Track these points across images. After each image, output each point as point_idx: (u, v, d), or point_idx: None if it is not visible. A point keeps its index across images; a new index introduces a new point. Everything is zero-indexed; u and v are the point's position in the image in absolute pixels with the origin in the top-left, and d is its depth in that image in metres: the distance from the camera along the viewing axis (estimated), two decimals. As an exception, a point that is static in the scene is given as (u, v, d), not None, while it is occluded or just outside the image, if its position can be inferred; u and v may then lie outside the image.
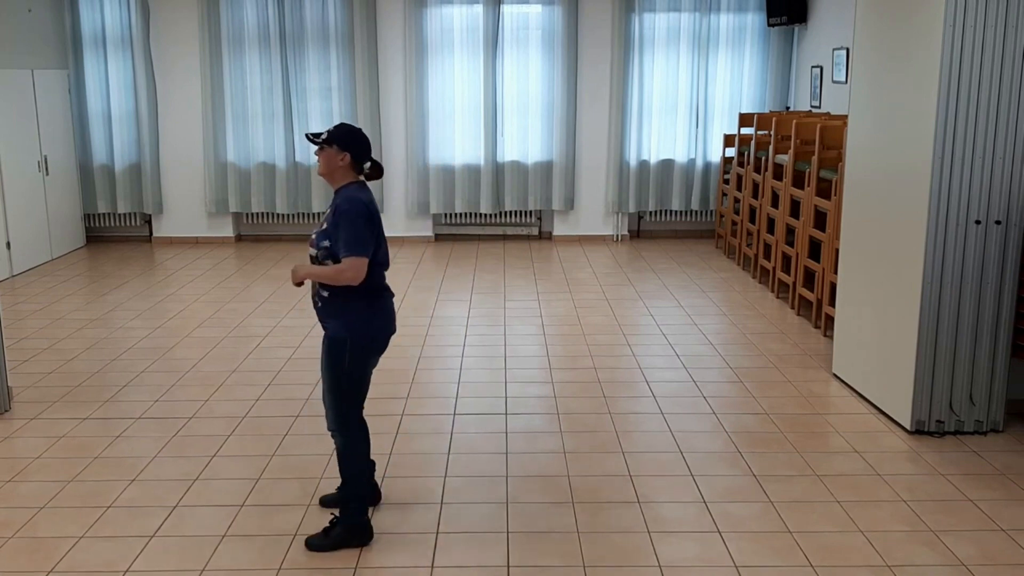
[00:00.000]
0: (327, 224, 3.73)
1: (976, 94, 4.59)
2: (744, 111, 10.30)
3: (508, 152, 10.42)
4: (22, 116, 9.10)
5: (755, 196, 8.83)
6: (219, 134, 10.23)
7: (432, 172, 10.35)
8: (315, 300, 3.84)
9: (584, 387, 5.70)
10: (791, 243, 7.72)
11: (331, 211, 3.75)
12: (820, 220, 7.09)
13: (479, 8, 10.07)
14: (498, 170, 10.41)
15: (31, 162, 9.24)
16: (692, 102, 10.38)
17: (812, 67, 9.69)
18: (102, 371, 6.04)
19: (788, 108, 10.40)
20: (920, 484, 4.36)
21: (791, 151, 7.64)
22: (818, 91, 9.53)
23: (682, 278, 8.68)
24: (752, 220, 8.98)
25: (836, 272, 6.23)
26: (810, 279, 7.37)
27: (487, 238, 10.79)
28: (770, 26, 10.05)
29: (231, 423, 5.15)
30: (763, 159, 8.50)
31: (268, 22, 10.05)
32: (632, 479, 4.41)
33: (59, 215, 9.79)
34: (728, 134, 10.16)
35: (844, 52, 8.78)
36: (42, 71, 9.48)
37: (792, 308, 7.50)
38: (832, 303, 6.68)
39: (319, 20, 10.07)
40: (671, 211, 10.72)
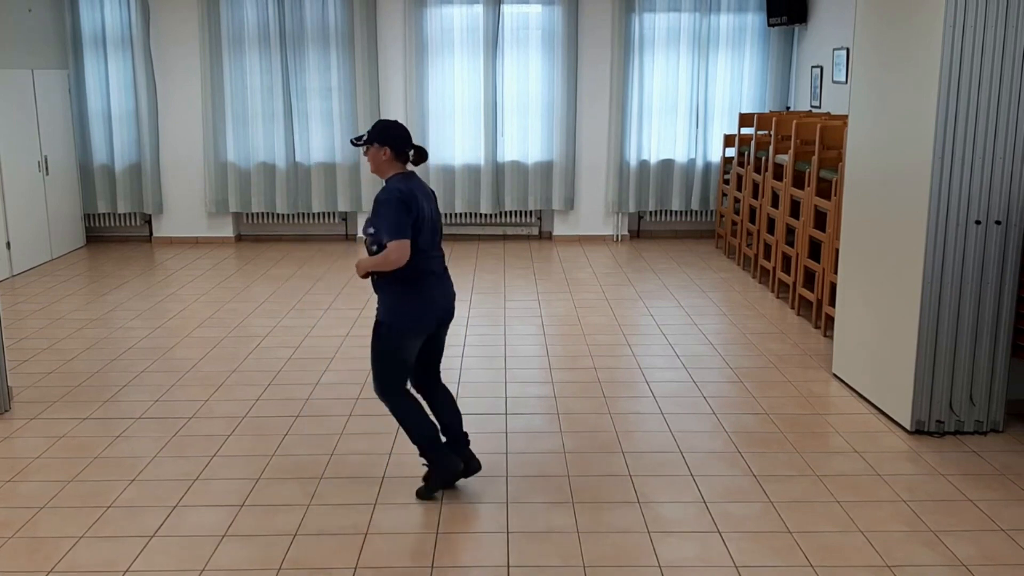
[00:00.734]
0: (372, 214, 4.03)
1: (976, 94, 4.59)
2: (744, 111, 10.30)
3: (508, 152, 10.42)
4: (22, 116, 9.10)
5: (755, 196, 8.83)
6: (219, 134, 10.23)
7: (432, 172, 10.34)
8: (373, 283, 4.13)
9: (584, 387, 5.70)
10: (791, 243, 7.72)
11: (373, 204, 4.04)
12: (820, 220, 7.09)
13: (479, 8, 10.07)
14: (498, 170, 10.41)
15: (31, 162, 9.24)
16: (692, 102, 10.38)
17: (812, 67, 9.70)
18: (102, 371, 6.04)
19: (788, 108, 10.40)
20: (920, 484, 4.36)
21: (791, 151, 7.64)
22: (818, 91, 9.53)
23: (682, 278, 8.68)
24: (752, 220, 8.98)
25: (836, 272, 6.23)
26: (810, 279, 7.37)
27: (487, 238, 10.79)
28: (770, 26, 10.05)
29: (231, 423, 5.15)
30: (763, 159, 8.50)
31: (268, 22, 10.05)
32: (632, 479, 4.41)
33: (59, 215, 9.79)
34: (728, 134, 10.16)
35: (844, 52, 8.79)
36: (42, 71, 9.48)
37: (792, 308, 7.50)
38: (832, 303, 6.68)
39: (319, 20, 10.07)
40: (671, 211, 10.72)
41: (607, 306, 7.66)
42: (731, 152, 10.13)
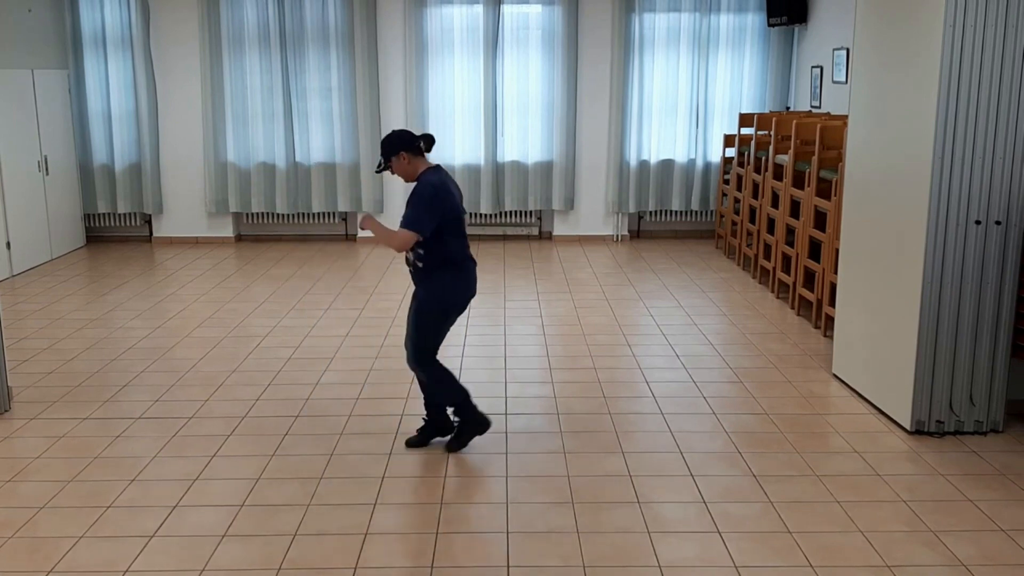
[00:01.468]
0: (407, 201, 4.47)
1: (976, 94, 4.59)
2: (744, 111, 10.30)
3: (508, 152, 10.42)
4: (22, 116, 9.10)
5: (755, 196, 8.83)
6: (219, 134, 10.23)
7: (432, 172, 10.33)
8: (411, 268, 4.58)
9: (584, 387, 5.70)
10: (791, 243, 7.72)
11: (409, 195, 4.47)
12: (820, 220, 7.09)
13: (479, 8, 10.07)
14: (498, 170, 10.41)
15: (31, 162, 9.24)
16: (692, 102, 10.38)
17: (812, 67, 9.70)
18: (102, 371, 6.04)
19: (788, 108, 10.40)
20: (920, 484, 4.36)
21: (791, 151, 7.65)
22: (818, 91, 9.53)
23: (682, 278, 8.68)
24: (752, 220, 8.98)
25: (836, 272, 6.24)
26: (810, 279, 7.37)
27: (487, 238, 10.79)
28: (770, 26, 10.05)
29: (231, 423, 5.15)
30: (763, 159, 8.50)
31: (268, 22, 10.05)
32: (632, 479, 4.41)
33: (59, 215, 9.79)
34: (728, 134, 10.16)
35: (844, 52, 8.79)
36: (42, 71, 9.48)
37: (792, 308, 7.50)
38: (832, 303, 6.68)
39: (319, 20, 10.07)
40: (671, 211, 10.72)
41: (607, 306, 7.66)
42: (731, 152, 10.13)
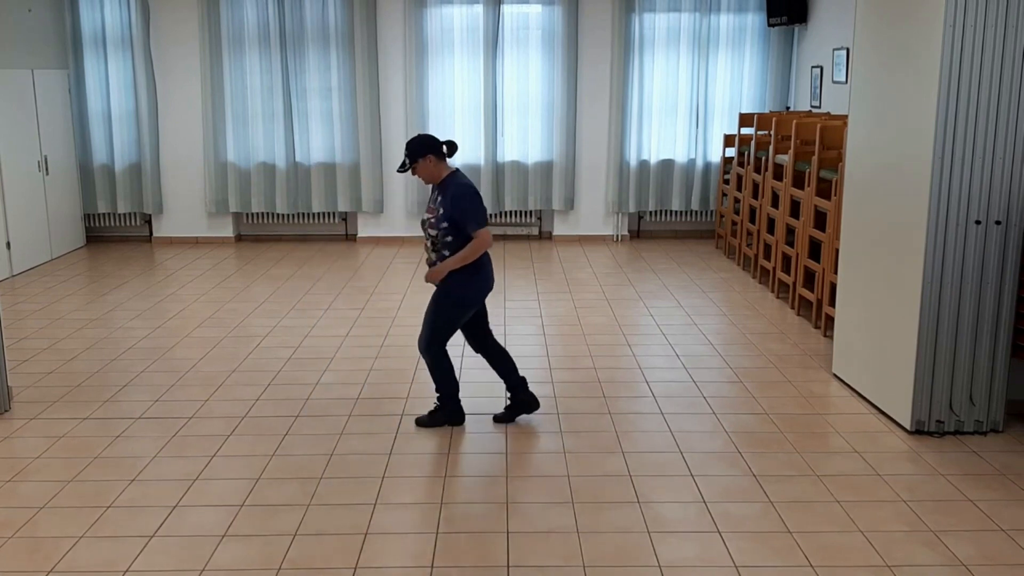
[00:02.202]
0: (443, 209, 4.66)
1: (976, 94, 4.59)
2: (744, 111, 10.30)
3: (508, 152, 10.42)
4: (22, 116, 9.10)
5: (755, 196, 8.83)
6: (219, 134, 10.23)
7: (432, 172, 10.34)
8: (430, 263, 4.81)
9: (584, 387, 5.70)
10: (791, 243, 7.72)
11: (442, 197, 4.68)
12: (820, 220, 7.09)
13: (479, 8, 10.07)
14: (498, 170, 10.41)
15: (31, 162, 9.24)
16: (692, 102, 10.38)
17: (812, 67, 9.70)
18: (102, 371, 6.04)
19: (788, 108, 10.40)
20: (920, 484, 4.36)
21: (791, 151, 7.65)
22: (818, 91, 9.53)
23: (682, 278, 8.68)
24: (752, 220, 8.98)
25: (836, 272, 6.23)
26: (810, 279, 7.37)
27: (487, 238, 10.78)
28: (770, 26, 10.05)
29: (231, 423, 5.15)
30: (763, 159, 8.50)
31: (268, 22, 10.05)
32: (632, 479, 4.41)
33: (59, 215, 9.79)
34: (728, 134, 10.16)
35: (844, 52, 8.79)
36: (42, 71, 9.48)
37: (792, 308, 7.50)
38: (832, 303, 6.68)
39: (319, 20, 10.07)
40: (671, 211, 10.72)
41: (607, 306, 7.66)
42: (731, 152, 10.13)
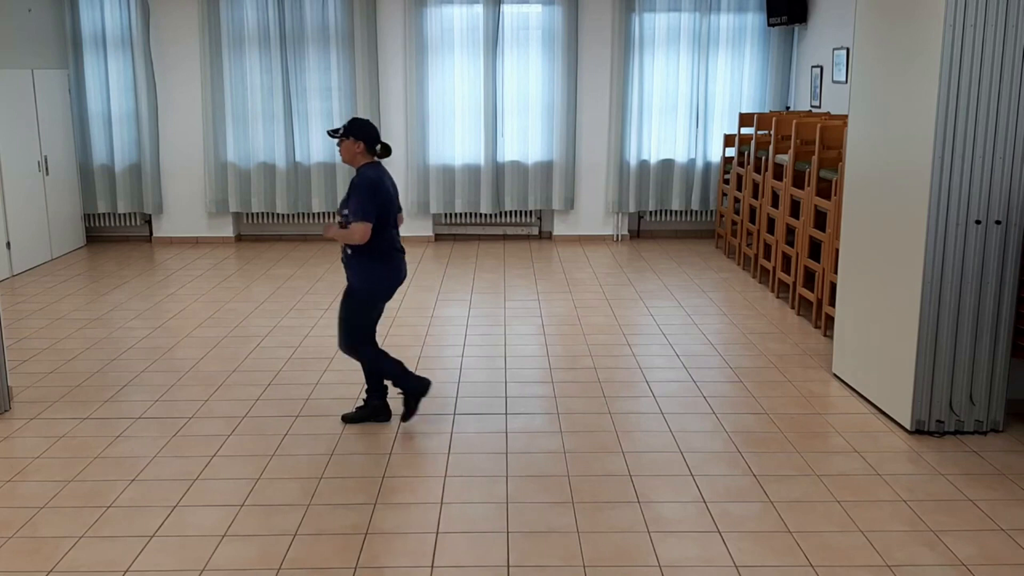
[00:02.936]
0: (347, 196, 4.76)
1: (976, 94, 4.59)
2: (744, 111, 10.30)
3: (508, 152, 10.42)
4: (22, 116, 9.10)
5: (755, 196, 8.83)
6: (219, 134, 10.23)
7: (432, 172, 10.35)
8: (343, 257, 4.87)
9: (584, 387, 5.70)
10: (791, 243, 7.72)
11: (349, 187, 4.76)
12: (820, 220, 7.09)
13: (479, 8, 10.07)
14: (498, 170, 10.41)
15: (31, 162, 9.24)
16: (692, 102, 10.38)
17: (812, 67, 9.70)
18: (102, 371, 6.04)
19: (788, 108, 10.40)
20: (920, 484, 4.36)
21: (791, 151, 7.65)
22: (818, 91, 9.53)
23: (682, 278, 8.68)
24: (752, 220, 8.98)
25: (836, 272, 6.23)
26: (810, 279, 7.37)
27: (487, 238, 10.79)
28: (770, 26, 10.05)
29: (231, 423, 5.15)
30: (763, 159, 8.50)
31: (268, 22, 10.05)
32: (632, 479, 4.41)
33: (59, 215, 9.79)
34: (728, 134, 10.16)
35: (844, 52, 8.79)
36: (42, 71, 9.48)
37: (792, 308, 7.50)
38: (832, 303, 6.68)
39: (319, 20, 10.07)
40: (671, 211, 10.72)
41: (607, 306, 7.66)
42: (731, 152, 10.13)
